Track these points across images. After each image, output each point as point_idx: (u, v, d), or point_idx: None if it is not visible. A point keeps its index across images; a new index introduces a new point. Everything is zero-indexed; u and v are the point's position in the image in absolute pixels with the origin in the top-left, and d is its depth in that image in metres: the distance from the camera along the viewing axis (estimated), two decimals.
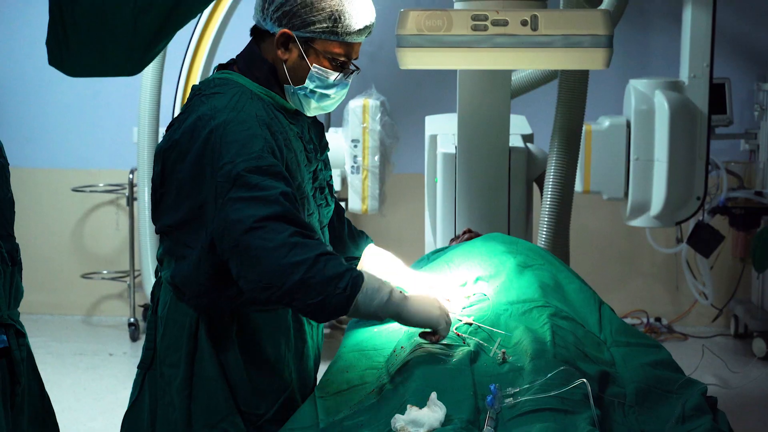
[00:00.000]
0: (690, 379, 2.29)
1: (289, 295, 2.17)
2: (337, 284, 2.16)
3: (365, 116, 5.05)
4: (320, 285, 2.16)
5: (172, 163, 2.32)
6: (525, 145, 3.66)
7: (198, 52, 4.95)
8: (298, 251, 2.15)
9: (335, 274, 2.17)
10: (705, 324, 6.05)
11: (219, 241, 2.23)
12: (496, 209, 3.41)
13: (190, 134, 2.28)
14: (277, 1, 2.33)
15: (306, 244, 2.17)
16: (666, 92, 4.32)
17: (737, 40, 5.91)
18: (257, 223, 2.16)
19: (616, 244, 6.07)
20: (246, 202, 2.18)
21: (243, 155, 2.21)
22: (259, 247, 2.15)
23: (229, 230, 2.19)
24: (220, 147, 2.23)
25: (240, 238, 2.17)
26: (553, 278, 2.64)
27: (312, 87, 2.38)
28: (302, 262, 2.14)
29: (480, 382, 2.12)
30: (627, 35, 5.70)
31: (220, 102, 2.30)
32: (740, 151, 5.85)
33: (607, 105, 5.00)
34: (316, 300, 2.17)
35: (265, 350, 2.42)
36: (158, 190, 2.39)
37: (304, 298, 2.17)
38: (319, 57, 2.36)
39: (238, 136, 2.24)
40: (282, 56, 2.37)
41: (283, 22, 2.33)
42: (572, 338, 2.34)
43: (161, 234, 2.42)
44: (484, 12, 2.75)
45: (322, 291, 2.16)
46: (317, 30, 2.32)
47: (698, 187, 4.35)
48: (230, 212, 2.19)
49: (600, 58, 2.75)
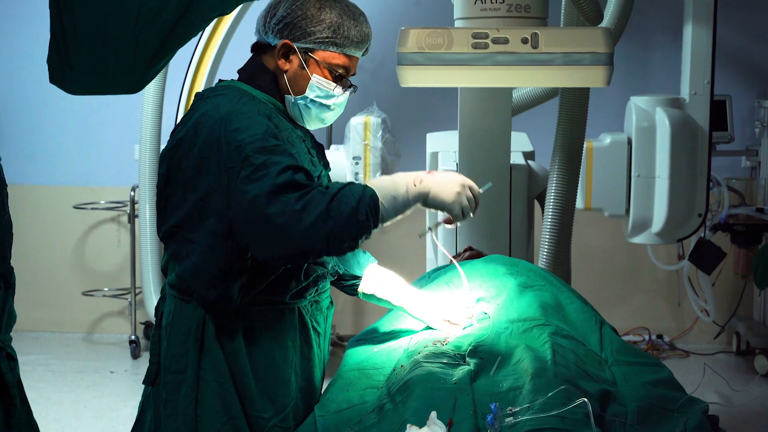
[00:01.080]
0: (692, 397, 2.28)
1: (326, 251, 2.25)
2: (358, 218, 2.22)
3: (367, 133, 5.06)
4: (345, 228, 2.21)
5: (177, 161, 2.36)
6: (526, 162, 3.66)
7: (200, 70, 4.96)
8: (310, 209, 2.19)
9: (351, 210, 2.21)
10: (707, 341, 6.03)
11: (239, 224, 2.26)
12: (497, 226, 3.40)
13: (194, 130, 2.34)
14: (278, 14, 2.43)
15: (313, 199, 2.21)
16: (667, 109, 4.32)
17: (738, 57, 5.93)
18: (267, 200, 2.20)
19: (618, 261, 6.06)
20: (256, 182, 2.22)
21: (247, 138, 2.26)
22: (276, 222, 2.19)
23: (246, 212, 2.23)
24: (225, 135, 2.28)
25: (257, 218, 2.21)
26: (554, 298, 2.64)
27: (312, 96, 2.45)
28: (318, 218, 2.18)
29: (480, 401, 2.11)
30: (628, 52, 5.71)
31: (222, 100, 2.37)
32: (741, 167, 5.86)
33: (608, 122, 5.00)
34: (349, 242, 2.24)
35: (271, 351, 2.42)
36: (163, 193, 2.41)
37: (340, 245, 2.24)
38: (319, 67, 2.44)
39: (241, 123, 2.29)
40: (283, 66, 2.45)
41: (284, 33, 2.42)
42: (573, 357, 2.34)
43: (166, 238, 2.43)
44: (484, 30, 2.76)
45: (349, 231, 2.22)
46: (317, 40, 2.41)
47: (699, 204, 4.34)
48: (243, 194, 2.23)
49: (600, 76, 2.76)
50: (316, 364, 2.55)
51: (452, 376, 2.23)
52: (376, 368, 2.45)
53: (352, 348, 2.64)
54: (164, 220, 2.42)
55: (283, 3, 2.44)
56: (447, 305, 2.64)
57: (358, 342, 2.66)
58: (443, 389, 2.17)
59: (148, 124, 5.23)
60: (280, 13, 2.43)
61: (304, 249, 2.23)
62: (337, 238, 2.21)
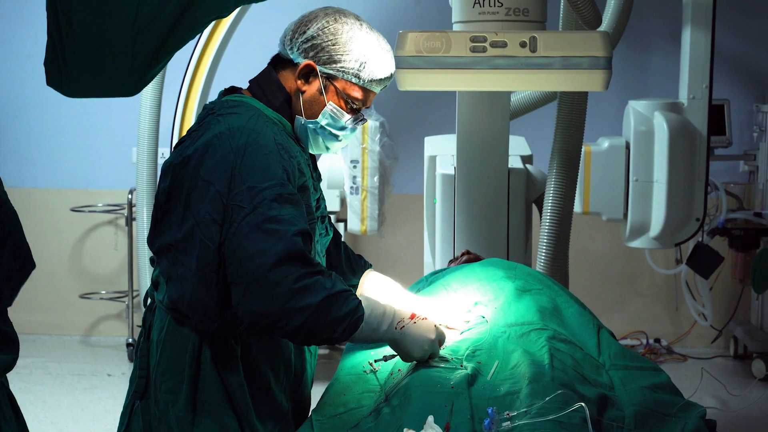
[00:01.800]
0: (689, 402, 2.27)
1: (290, 335, 2.20)
2: (336, 329, 2.20)
3: (364, 137, 5.05)
4: (320, 329, 2.19)
5: (181, 177, 2.29)
6: (524, 166, 3.66)
7: (197, 73, 4.96)
8: (306, 295, 2.15)
9: (336, 318, 2.19)
10: (704, 345, 6.04)
11: (232, 267, 2.20)
12: (495, 230, 3.40)
13: (204, 151, 2.27)
14: (308, 34, 2.36)
15: (313, 286, 2.17)
16: (665, 113, 4.32)
17: (736, 62, 5.93)
18: (272, 261, 2.15)
19: (616, 265, 6.07)
20: (264, 234, 2.17)
21: (265, 181, 2.21)
22: (270, 285, 2.15)
23: (245, 261, 2.17)
24: (240, 169, 2.22)
25: (255, 272, 2.15)
26: (552, 302, 2.63)
27: (323, 123, 2.40)
28: (307, 308, 2.15)
29: (477, 405, 2.11)
30: (626, 56, 5.72)
31: (236, 122, 2.30)
32: (739, 172, 5.86)
33: (606, 126, 5.01)
34: (314, 340, 2.24)
35: (266, 376, 2.40)
36: (162, 207, 2.35)
37: (304, 339, 2.23)
38: (337, 96, 2.39)
39: (258, 161, 2.23)
40: (301, 87, 2.39)
41: (309, 54, 2.37)
42: (571, 361, 2.33)
43: (159, 253, 2.37)
44: (482, 34, 2.75)
45: (320, 334, 2.20)
46: (342, 69, 2.36)
47: (697, 209, 4.34)
48: (247, 242, 2.18)
49: (599, 80, 2.75)
50: (308, 384, 2.55)
51: (449, 380, 2.22)
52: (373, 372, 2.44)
53: (350, 352, 2.63)
54: (159, 234, 2.36)
55: (315, 22, 2.38)
56: (444, 309, 2.64)
57: (356, 346, 2.65)
58: (440, 393, 2.16)
59: (145, 127, 5.22)
60: (310, 32, 2.37)
61: (277, 321, 2.16)
62: (308, 332, 2.18)
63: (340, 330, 2.19)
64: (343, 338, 2.23)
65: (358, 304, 2.23)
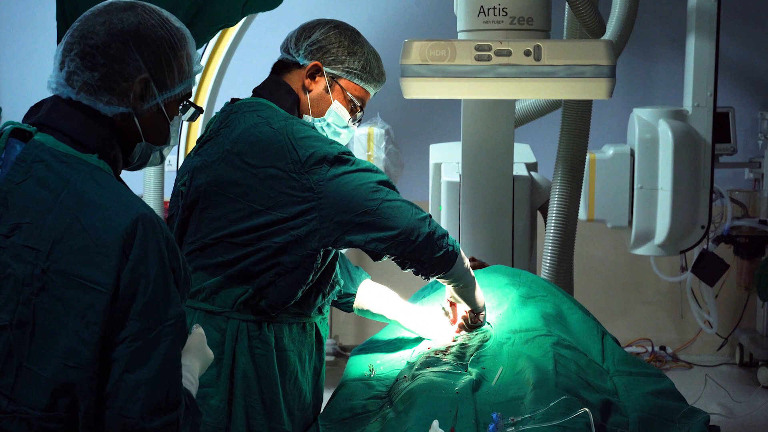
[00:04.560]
0: (693, 408, 2.29)
1: (420, 249, 2.35)
2: (447, 241, 2.40)
3: (370, 144, 5.07)
4: (440, 239, 2.38)
5: (224, 172, 2.36)
6: (529, 173, 3.66)
7: (204, 81, 4.97)
8: (417, 209, 2.37)
9: (443, 231, 2.41)
10: (710, 353, 6.03)
11: (342, 214, 2.31)
12: (499, 238, 3.41)
13: (245, 143, 2.36)
14: (313, 38, 2.51)
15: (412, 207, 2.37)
16: (670, 121, 4.33)
17: (741, 69, 5.93)
18: (377, 186, 2.33)
19: (621, 273, 6.06)
20: (356, 172, 2.33)
21: (324, 142, 2.36)
22: (389, 206, 2.32)
23: (353, 198, 2.32)
24: (295, 141, 2.33)
25: (369, 201, 2.32)
26: (556, 309, 2.65)
27: (329, 120, 2.52)
28: (425, 218, 2.36)
29: (482, 411, 2.12)
30: (631, 64, 5.72)
31: (265, 113, 2.41)
32: (744, 179, 5.86)
33: (611, 133, 5.01)
34: (439, 254, 2.38)
35: (295, 365, 2.43)
36: (200, 203, 2.38)
37: (431, 251, 2.37)
38: (342, 94, 2.51)
39: (308, 132, 2.37)
40: (308, 86, 2.50)
41: (316, 55, 2.50)
42: (575, 367, 2.35)
43: (208, 246, 2.38)
44: (487, 42, 2.77)
45: (441, 245, 2.38)
46: (347, 69, 2.50)
47: (702, 216, 4.34)
48: (344, 185, 2.32)
49: (603, 88, 2.77)
50: (323, 378, 2.58)
51: (454, 385, 2.24)
52: (379, 379, 2.46)
53: (355, 357, 2.65)
54: (205, 227, 2.38)
55: (319, 28, 2.52)
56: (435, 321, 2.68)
57: (361, 351, 2.67)
58: (445, 398, 2.18)
59: None
60: (315, 37, 2.51)
61: (407, 238, 2.33)
62: (432, 243, 2.36)
63: (450, 240, 2.41)
64: (456, 253, 2.43)
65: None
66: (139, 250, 1.65)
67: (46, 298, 1.64)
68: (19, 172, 1.70)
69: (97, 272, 1.64)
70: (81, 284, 1.64)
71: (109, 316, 1.64)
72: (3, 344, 1.64)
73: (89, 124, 1.76)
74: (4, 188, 1.69)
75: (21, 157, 1.71)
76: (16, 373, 1.64)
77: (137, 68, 1.77)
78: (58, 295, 1.64)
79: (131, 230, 1.65)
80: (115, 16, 1.77)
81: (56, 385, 1.63)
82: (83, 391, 1.64)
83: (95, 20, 1.77)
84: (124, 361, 1.64)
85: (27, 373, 1.64)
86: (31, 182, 1.69)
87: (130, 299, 1.64)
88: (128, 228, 1.65)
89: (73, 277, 1.64)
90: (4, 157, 1.72)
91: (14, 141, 1.73)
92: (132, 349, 1.64)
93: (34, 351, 1.64)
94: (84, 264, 1.64)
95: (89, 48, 1.75)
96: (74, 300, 1.64)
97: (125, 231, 1.64)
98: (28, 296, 1.65)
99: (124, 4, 1.80)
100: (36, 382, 1.64)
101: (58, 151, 1.71)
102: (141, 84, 1.78)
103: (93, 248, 1.64)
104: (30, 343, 1.64)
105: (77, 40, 1.76)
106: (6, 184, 1.69)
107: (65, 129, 1.74)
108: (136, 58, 1.77)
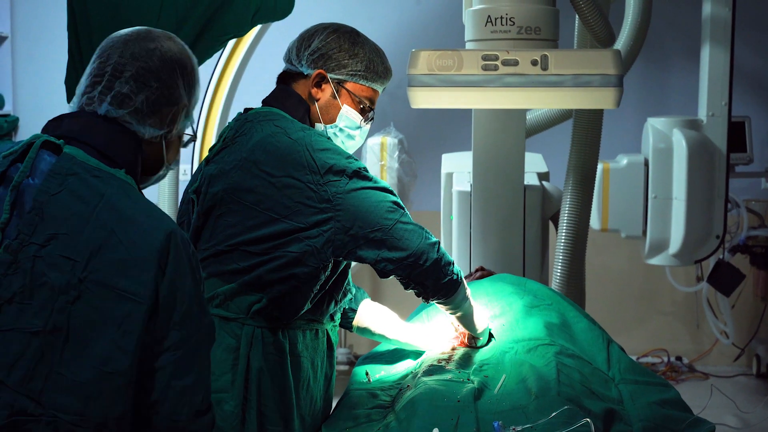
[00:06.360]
0: (698, 418, 2.28)
1: (426, 273, 2.37)
2: (453, 269, 2.43)
3: (383, 154, 5.08)
4: (446, 266, 2.41)
5: (240, 179, 2.37)
6: (540, 183, 3.66)
7: (218, 91, 4.99)
8: (428, 234, 2.40)
9: (450, 259, 2.44)
10: (726, 363, 6.00)
11: (358, 228, 2.33)
12: (511, 247, 3.41)
13: (263, 151, 2.37)
14: (313, 45, 2.51)
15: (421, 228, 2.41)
16: (684, 130, 4.32)
17: (758, 79, 5.91)
18: (393, 206, 2.36)
19: (636, 283, 6.04)
20: (374, 190, 2.36)
21: (341, 155, 2.38)
22: (402, 228, 2.35)
23: (370, 214, 2.34)
24: (313, 152, 2.35)
25: (385, 219, 2.34)
26: (561, 318, 2.65)
27: (342, 125, 2.53)
28: (435, 244, 2.39)
29: (484, 420, 2.12)
30: (645, 73, 5.71)
31: (282, 123, 2.43)
32: (761, 189, 5.82)
33: (625, 143, 5.00)
34: (444, 280, 2.41)
35: (307, 371, 2.45)
36: (215, 210, 2.40)
37: (437, 277, 2.40)
38: (350, 97, 2.52)
39: (326, 144, 2.39)
40: (315, 95, 2.51)
41: (318, 64, 2.51)
42: (578, 376, 2.34)
43: (224, 253, 2.39)
44: (494, 52, 2.78)
45: (447, 272, 2.41)
46: (350, 72, 2.51)
47: (717, 226, 4.32)
48: (363, 200, 2.34)
49: (610, 98, 2.77)
50: (333, 384, 2.59)
51: (456, 393, 2.24)
52: (383, 389, 2.46)
53: (360, 367, 2.65)
54: (214, 235, 2.40)
55: (318, 35, 2.52)
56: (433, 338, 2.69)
57: (366, 361, 2.68)
58: (447, 407, 2.18)
59: None
60: (315, 45, 2.51)
61: (416, 261, 2.35)
62: (439, 269, 2.38)
63: (456, 268, 2.44)
64: (460, 281, 2.46)
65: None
66: (174, 264, 1.74)
67: (81, 307, 1.71)
68: (53, 183, 1.76)
69: (134, 284, 1.71)
70: (119, 294, 1.71)
71: (146, 326, 1.72)
72: (35, 350, 1.70)
73: (121, 141, 1.84)
74: (40, 199, 1.75)
75: (54, 169, 1.77)
76: (45, 378, 1.70)
77: (180, 95, 1.88)
78: (94, 304, 1.71)
79: (165, 244, 1.74)
80: (163, 43, 1.88)
81: (89, 391, 1.70)
82: (117, 397, 1.71)
83: (144, 45, 1.86)
84: (171, 369, 1.74)
85: (58, 378, 1.70)
86: (66, 194, 1.75)
87: (170, 310, 1.74)
88: (163, 242, 1.74)
89: (110, 287, 1.71)
90: (34, 168, 1.78)
91: (44, 152, 1.80)
92: (177, 357, 1.74)
93: (66, 357, 1.70)
94: (122, 276, 1.72)
95: (143, 71, 1.85)
96: (111, 309, 1.71)
97: (160, 245, 1.73)
98: (63, 304, 1.70)
99: (162, 33, 1.91)
100: (68, 387, 1.70)
101: (90, 165, 1.79)
102: (182, 110, 1.89)
103: (130, 261, 1.72)
104: (63, 350, 1.70)
105: (128, 61, 1.84)
106: (41, 195, 1.75)
107: (96, 144, 1.82)
108: (181, 85, 1.88)
